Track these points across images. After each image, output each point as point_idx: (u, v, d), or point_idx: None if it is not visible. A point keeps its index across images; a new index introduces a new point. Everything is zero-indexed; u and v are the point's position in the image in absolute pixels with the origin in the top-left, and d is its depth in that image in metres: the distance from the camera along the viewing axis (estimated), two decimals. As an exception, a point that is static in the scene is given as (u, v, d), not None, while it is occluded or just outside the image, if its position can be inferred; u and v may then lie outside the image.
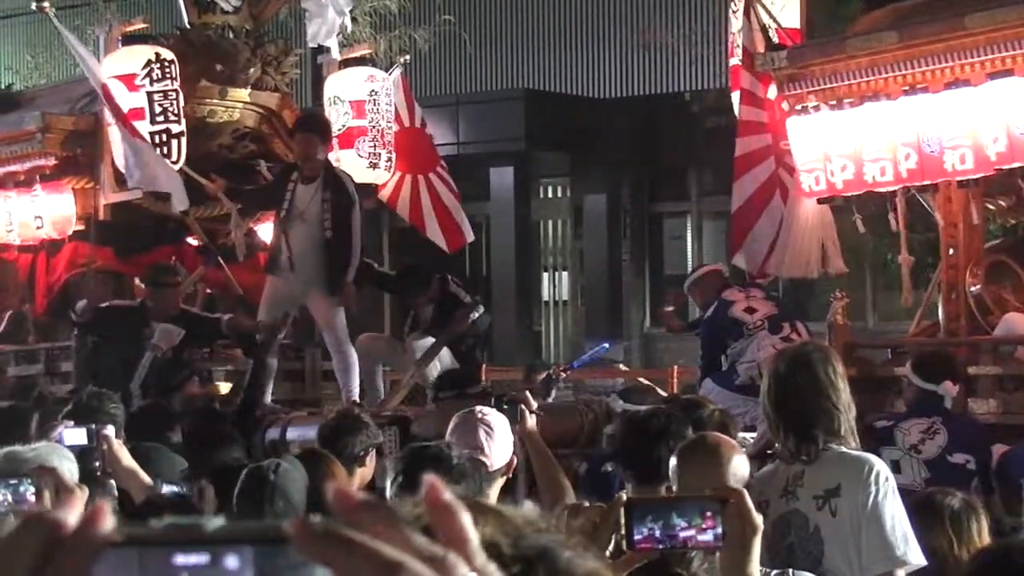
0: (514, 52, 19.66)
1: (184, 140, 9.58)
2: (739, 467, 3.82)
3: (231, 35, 10.23)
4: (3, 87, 11.83)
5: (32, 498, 3.36)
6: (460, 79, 20.70)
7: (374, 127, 10.29)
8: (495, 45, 20.17)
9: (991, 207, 8.37)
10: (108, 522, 0.95)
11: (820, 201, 8.05)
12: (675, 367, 11.77)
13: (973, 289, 8.04)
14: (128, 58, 9.56)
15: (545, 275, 20.97)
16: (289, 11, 11.16)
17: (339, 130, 10.21)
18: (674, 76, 18.39)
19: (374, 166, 10.33)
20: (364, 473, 5.45)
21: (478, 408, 4.78)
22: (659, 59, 18.44)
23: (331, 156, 10.22)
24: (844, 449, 4.01)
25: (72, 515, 0.95)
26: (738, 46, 8.77)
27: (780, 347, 8.19)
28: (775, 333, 8.31)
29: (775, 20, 8.56)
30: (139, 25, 10.16)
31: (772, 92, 8.24)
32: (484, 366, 10.51)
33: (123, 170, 9.48)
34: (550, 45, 16.76)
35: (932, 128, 7.28)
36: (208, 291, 10.80)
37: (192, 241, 10.40)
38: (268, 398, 9.46)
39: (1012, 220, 8.53)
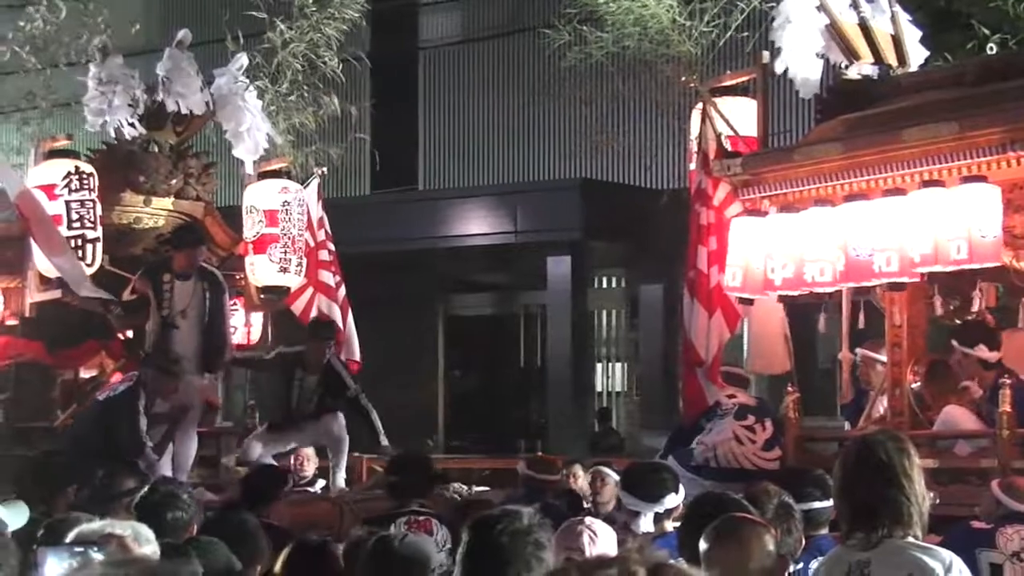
0: (571, 142, 19.37)
1: (99, 245, 10.33)
2: (767, 546, 4.00)
3: (156, 148, 11.07)
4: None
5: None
6: (518, 168, 20.85)
7: (285, 235, 11.13)
8: (553, 135, 20.23)
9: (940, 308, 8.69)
10: None
11: (741, 301, 8.44)
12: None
13: (914, 386, 8.41)
14: (50, 170, 10.39)
15: (599, 365, 20.73)
16: (213, 126, 11.91)
17: (253, 236, 11.11)
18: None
19: (284, 270, 11.17)
20: None
21: (588, 518, 4.99)
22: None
23: (246, 261, 11.07)
24: (912, 540, 3.90)
25: None
26: (696, 152, 9.20)
27: (740, 435, 8.60)
28: (739, 420, 8.61)
29: (731, 127, 8.98)
30: (63, 141, 10.98)
31: (719, 197, 8.64)
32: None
33: (44, 272, 10.21)
34: (607, 135, 16.96)
35: (865, 233, 7.59)
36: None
37: (120, 336, 10.95)
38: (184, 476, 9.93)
39: (958, 320, 8.87)
